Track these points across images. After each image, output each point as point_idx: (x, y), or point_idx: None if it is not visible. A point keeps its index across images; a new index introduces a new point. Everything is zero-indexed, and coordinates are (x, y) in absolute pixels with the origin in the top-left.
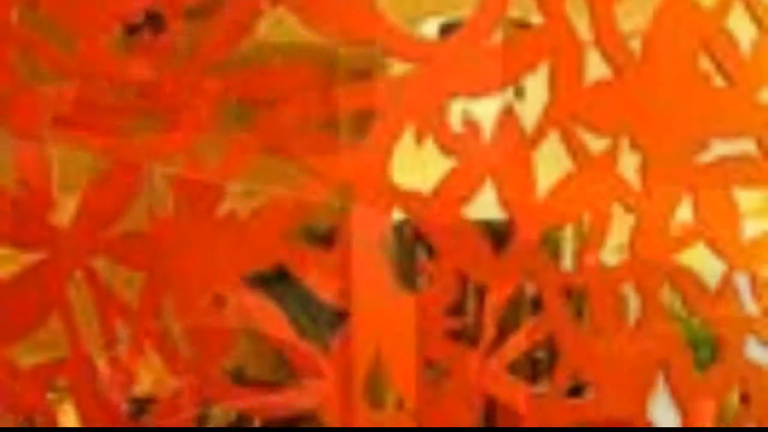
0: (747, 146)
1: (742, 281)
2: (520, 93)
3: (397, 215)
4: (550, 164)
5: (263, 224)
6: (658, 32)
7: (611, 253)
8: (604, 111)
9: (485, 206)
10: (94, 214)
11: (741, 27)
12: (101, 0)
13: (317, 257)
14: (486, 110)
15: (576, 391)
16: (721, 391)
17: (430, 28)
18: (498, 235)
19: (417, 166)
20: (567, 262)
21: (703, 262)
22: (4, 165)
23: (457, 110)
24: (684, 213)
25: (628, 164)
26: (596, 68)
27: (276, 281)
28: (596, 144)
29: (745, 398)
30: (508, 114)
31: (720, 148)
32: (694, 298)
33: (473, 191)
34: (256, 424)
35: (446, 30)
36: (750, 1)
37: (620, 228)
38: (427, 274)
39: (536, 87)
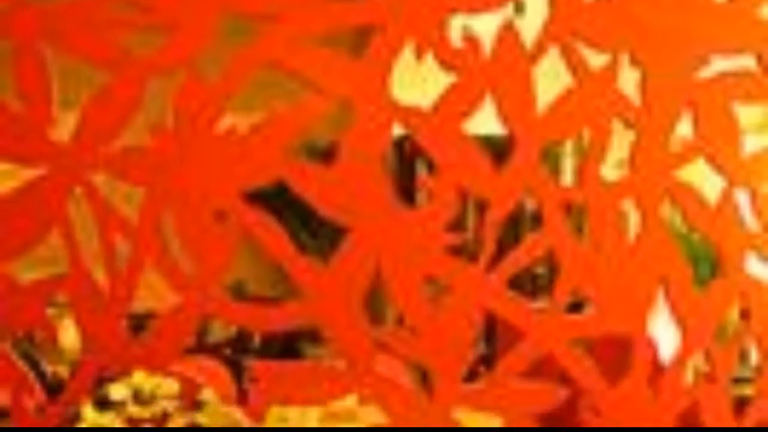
0: (747, 62)
1: (742, 197)
2: (520, 8)
3: (397, 131)
4: (550, 80)
5: (263, 139)
6: None
7: (611, 169)
8: (604, 26)
9: (485, 121)
10: (94, 129)
11: None
12: None
13: (317, 173)
14: (486, 26)
15: (576, 306)
16: (721, 307)
17: None
18: (498, 150)
19: (417, 82)
20: (567, 177)
21: (703, 177)
22: (5, 80)
23: (457, 26)
24: (684, 128)
25: (628, 80)
26: None
27: (276, 197)
28: (596, 59)
29: (745, 314)
30: (508, 29)
31: (720, 64)
32: (694, 214)
33: (473, 107)
34: (256, 339)
35: None
36: None
37: (620, 143)
38: (427, 189)
39: (536, 2)
